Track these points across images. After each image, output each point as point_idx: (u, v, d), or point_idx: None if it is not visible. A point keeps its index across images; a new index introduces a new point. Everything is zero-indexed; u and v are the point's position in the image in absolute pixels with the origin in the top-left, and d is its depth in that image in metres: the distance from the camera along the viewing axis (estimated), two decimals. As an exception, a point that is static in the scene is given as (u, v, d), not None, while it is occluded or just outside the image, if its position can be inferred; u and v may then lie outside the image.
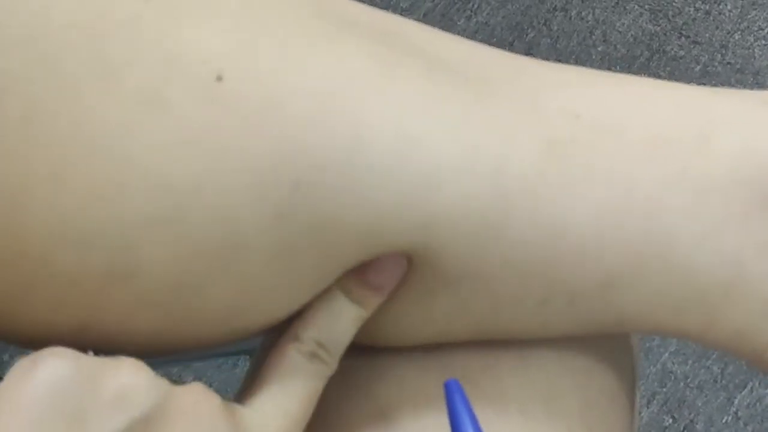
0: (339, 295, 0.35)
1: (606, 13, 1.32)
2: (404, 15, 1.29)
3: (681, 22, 1.32)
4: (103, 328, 0.33)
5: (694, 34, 1.32)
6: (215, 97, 0.31)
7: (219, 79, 0.31)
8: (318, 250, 0.33)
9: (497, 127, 0.34)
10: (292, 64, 0.32)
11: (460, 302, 0.36)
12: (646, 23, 1.32)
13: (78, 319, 0.33)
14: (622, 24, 1.32)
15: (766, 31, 1.32)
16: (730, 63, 1.30)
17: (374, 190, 0.33)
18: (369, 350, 0.39)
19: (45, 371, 0.29)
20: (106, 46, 0.31)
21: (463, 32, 1.30)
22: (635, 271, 0.35)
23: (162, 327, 0.34)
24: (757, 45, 1.32)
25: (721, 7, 1.34)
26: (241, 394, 0.35)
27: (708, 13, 1.33)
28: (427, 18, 1.30)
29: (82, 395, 0.29)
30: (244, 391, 0.35)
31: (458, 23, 1.30)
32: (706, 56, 1.31)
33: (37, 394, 0.29)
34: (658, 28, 1.32)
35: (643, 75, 1.39)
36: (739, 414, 1.11)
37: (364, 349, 0.38)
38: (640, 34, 1.31)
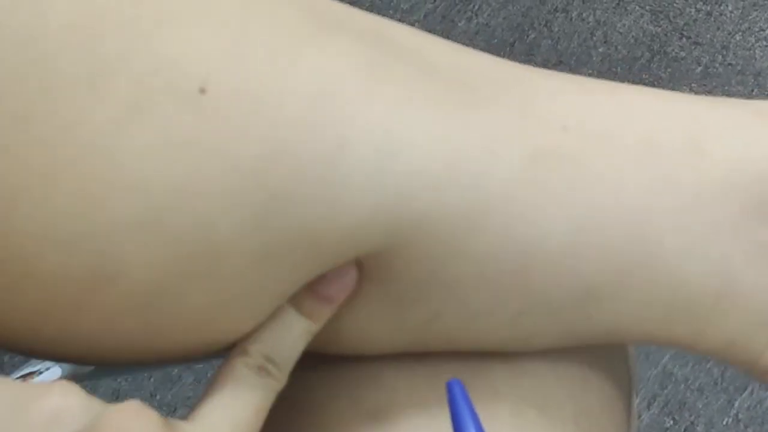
0: (288, 309, 0.35)
1: (607, 14, 1.32)
2: (405, 16, 1.29)
3: (682, 23, 1.32)
4: (86, 333, 0.33)
5: (695, 35, 1.32)
6: (199, 105, 0.31)
7: (203, 89, 0.31)
8: (296, 258, 0.33)
9: (481, 136, 0.34)
10: (278, 73, 0.32)
11: (433, 312, 0.36)
12: (647, 24, 1.32)
13: (60, 325, 0.33)
14: (623, 25, 1.32)
15: (767, 32, 1.32)
16: (731, 64, 1.30)
17: (352, 198, 0.33)
18: (356, 357, 0.38)
19: None
20: (97, 51, 0.31)
21: (464, 33, 1.30)
22: (619, 282, 0.35)
23: (144, 332, 0.34)
24: (758, 46, 1.32)
25: (722, 8, 1.34)
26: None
27: (709, 14, 1.33)
28: (427, 19, 1.29)
29: (14, 421, 0.29)
30: (193, 406, 0.35)
31: (459, 24, 1.30)
32: (707, 57, 1.31)
33: None
34: (659, 29, 1.32)
35: (644, 76, 1.39)
36: (740, 416, 1.11)
37: (351, 355, 0.38)
38: (641, 35, 1.31)
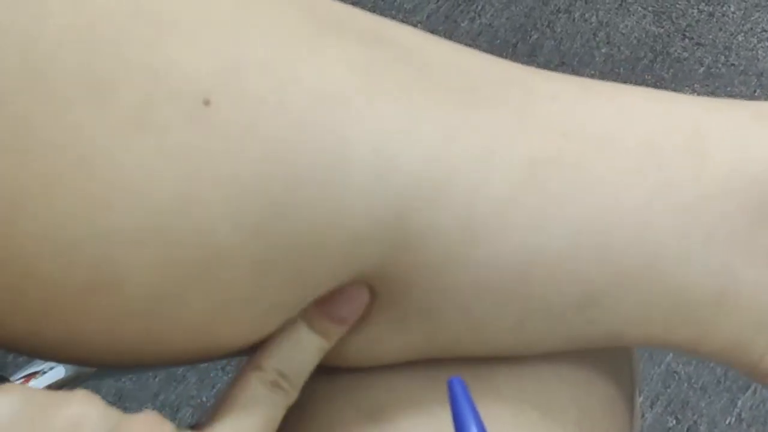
0: (302, 326, 0.36)
1: (609, 15, 1.32)
2: (408, 16, 1.29)
3: (684, 24, 1.32)
4: (87, 337, 0.34)
5: (698, 36, 1.32)
6: (201, 118, 0.32)
7: (207, 103, 0.32)
8: (294, 269, 0.34)
9: (480, 144, 0.34)
10: (278, 80, 0.32)
11: (436, 324, 0.36)
12: (650, 25, 1.32)
13: (63, 327, 0.33)
14: (626, 26, 1.32)
15: (770, 33, 1.32)
16: (733, 65, 1.30)
17: (353, 204, 0.33)
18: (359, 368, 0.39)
19: None
20: (97, 60, 0.31)
21: (467, 34, 1.30)
22: (621, 286, 0.35)
23: (143, 338, 0.34)
24: (761, 47, 1.32)
25: (725, 9, 1.34)
26: (204, 419, 0.35)
27: (711, 15, 1.33)
28: (430, 19, 1.30)
29: (34, 428, 0.30)
30: (206, 418, 0.35)
31: (462, 25, 1.30)
32: (710, 58, 1.31)
33: None
34: (662, 30, 1.32)
35: (646, 77, 1.39)
36: (743, 416, 1.11)
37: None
38: (644, 35, 1.31)
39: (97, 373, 1.01)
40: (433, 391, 0.37)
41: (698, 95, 1.39)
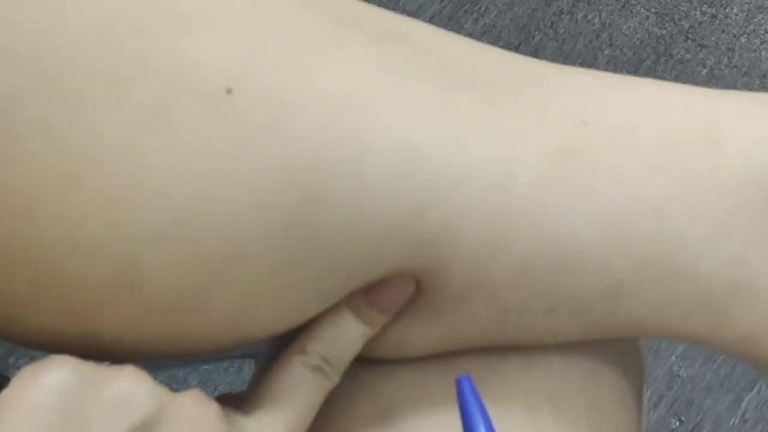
0: (347, 313, 0.36)
1: (612, 16, 1.32)
2: (411, 17, 1.29)
3: (687, 26, 1.32)
4: (108, 335, 0.34)
5: (701, 38, 1.32)
6: (223, 111, 0.31)
7: (228, 92, 0.31)
8: (323, 261, 0.34)
9: (503, 137, 0.34)
10: (301, 75, 0.32)
11: (467, 315, 0.36)
12: (653, 26, 1.32)
13: (84, 326, 0.33)
14: (629, 27, 1.32)
15: (773, 34, 1.32)
16: (736, 66, 1.30)
17: (379, 202, 0.33)
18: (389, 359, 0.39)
19: (48, 378, 0.30)
20: (114, 59, 0.31)
21: (470, 35, 1.30)
22: (642, 276, 0.35)
23: (166, 334, 0.34)
24: (764, 48, 1.32)
25: (728, 10, 1.34)
26: (243, 400, 0.36)
27: (714, 17, 1.33)
28: (434, 20, 1.30)
29: (83, 401, 0.30)
30: (247, 398, 0.35)
31: (465, 26, 1.30)
32: (713, 59, 1.31)
33: (40, 400, 0.29)
34: (665, 32, 1.32)
35: (649, 78, 1.38)
36: (747, 416, 1.11)
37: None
38: (647, 37, 1.31)
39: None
40: (446, 388, 0.37)
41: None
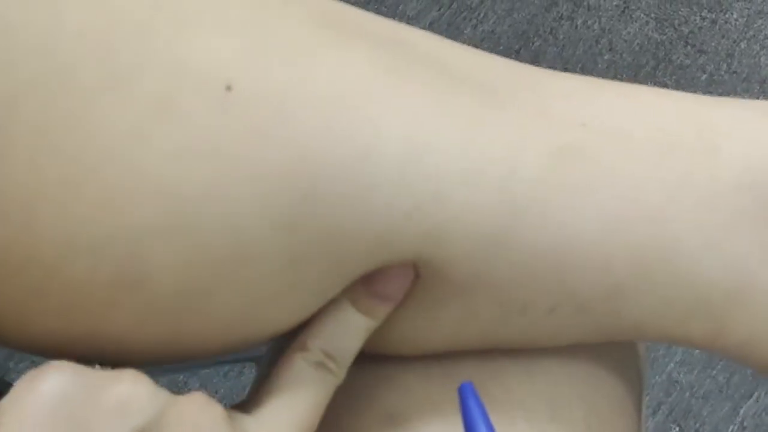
0: (347, 305, 0.35)
1: (612, 22, 1.32)
2: (410, 23, 1.29)
3: (687, 31, 1.33)
4: (111, 335, 0.33)
5: (700, 43, 1.32)
6: (225, 107, 0.31)
7: (229, 88, 0.31)
8: (326, 260, 0.33)
9: (504, 136, 0.34)
10: (301, 74, 0.32)
11: (469, 311, 0.36)
12: (652, 32, 1.32)
13: (87, 326, 0.33)
14: (628, 33, 1.32)
15: (772, 40, 1.32)
16: (736, 72, 1.30)
17: (383, 199, 0.33)
18: (373, 358, 0.39)
19: (48, 383, 0.30)
20: (117, 56, 0.31)
21: (470, 41, 1.30)
22: (642, 278, 0.35)
23: (169, 334, 0.34)
24: (763, 54, 1.32)
25: (727, 16, 1.34)
26: (247, 403, 0.35)
27: (714, 22, 1.34)
28: (433, 26, 1.30)
29: (84, 405, 0.30)
30: (251, 400, 0.35)
31: (465, 32, 1.30)
32: (712, 65, 1.31)
33: (40, 405, 0.29)
34: (664, 37, 1.32)
35: (649, 84, 1.39)
36: (745, 424, 1.10)
37: (369, 356, 0.38)
38: (646, 42, 1.31)
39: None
40: (449, 392, 0.37)
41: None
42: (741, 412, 1.11)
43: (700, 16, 1.34)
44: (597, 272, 0.35)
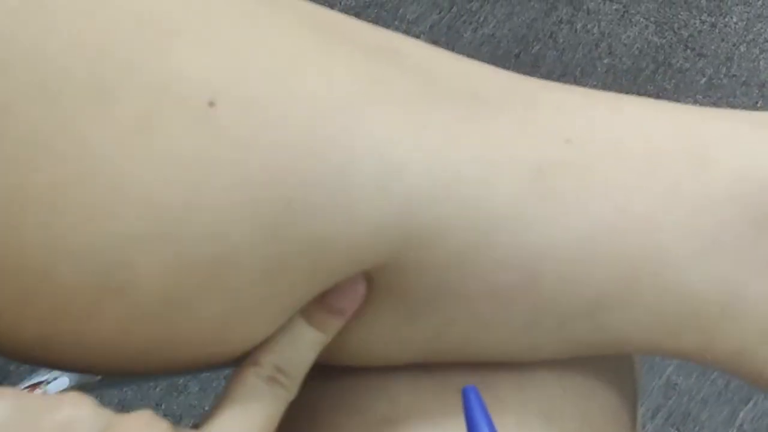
0: (299, 320, 0.36)
1: (611, 26, 1.32)
2: (411, 27, 1.30)
3: (686, 35, 1.33)
4: (97, 343, 0.34)
5: (700, 47, 1.32)
6: (208, 122, 0.32)
7: (212, 104, 0.32)
8: (306, 269, 0.34)
9: (484, 150, 0.34)
10: (283, 86, 0.33)
11: (442, 323, 0.36)
12: (652, 36, 1.32)
13: (73, 334, 0.33)
14: (628, 36, 1.32)
15: (772, 44, 1.33)
16: (735, 75, 1.31)
17: (360, 210, 0.33)
18: (362, 368, 0.39)
19: None
20: (102, 70, 0.31)
21: (470, 44, 1.30)
22: (627, 291, 0.35)
23: (156, 342, 0.34)
24: (763, 57, 1.32)
25: (727, 19, 1.34)
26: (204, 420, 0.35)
27: (713, 26, 1.34)
28: (433, 30, 1.30)
29: (25, 430, 0.30)
30: (205, 416, 0.35)
31: (464, 35, 1.30)
32: (712, 69, 1.31)
33: None
34: (664, 41, 1.32)
35: (648, 87, 1.39)
36: (744, 428, 1.11)
37: (357, 367, 0.38)
38: (646, 46, 1.31)
39: (101, 383, 1.01)
40: (439, 400, 0.37)
41: (700, 106, 1.38)
42: (740, 416, 1.11)
43: (700, 19, 1.34)
44: (578, 286, 0.35)
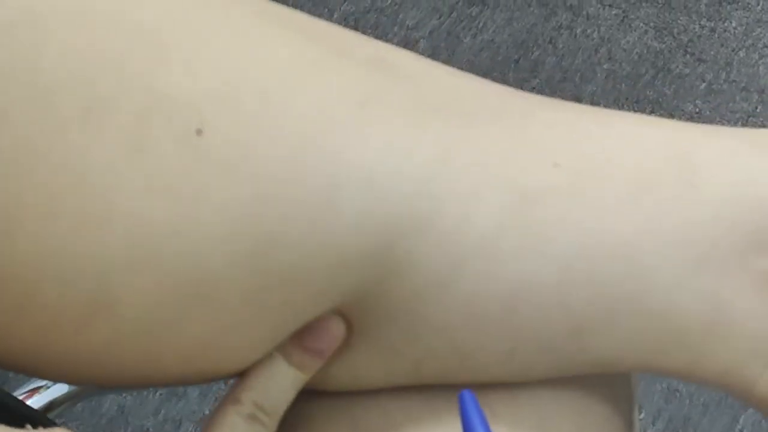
0: (278, 359, 0.36)
1: (611, 31, 1.33)
2: (410, 33, 1.30)
3: (686, 40, 1.33)
4: (86, 357, 0.34)
5: (699, 52, 1.32)
6: (194, 146, 0.32)
7: (199, 132, 0.32)
8: (285, 299, 0.34)
9: (468, 182, 0.34)
10: (272, 112, 0.33)
11: (424, 352, 0.36)
12: (651, 41, 1.33)
13: (62, 347, 0.33)
14: (627, 42, 1.32)
15: (771, 49, 1.33)
16: (734, 80, 1.31)
17: (339, 240, 0.33)
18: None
19: None
20: (93, 86, 0.31)
21: (469, 50, 1.30)
22: (609, 315, 0.35)
23: (140, 360, 0.34)
24: (762, 63, 1.32)
25: (726, 24, 1.34)
26: None
27: (713, 31, 1.34)
28: (433, 35, 1.30)
29: None
30: None
31: (464, 41, 1.31)
32: (711, 74, 1.31)
33: None
34: (663, 46, 1.32)
35: (648, 93, 1.39)
36: (745, 432, 1.11)
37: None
38: (645, 51, 1.32)
39: (100, 389, 1.01)
40: (430, 411, 0.37)
41: (699, 111, 1.39)
42: (740, 420, 1.11)
43: (699, 24, 1.34)
44: (557, 314, 0.35)
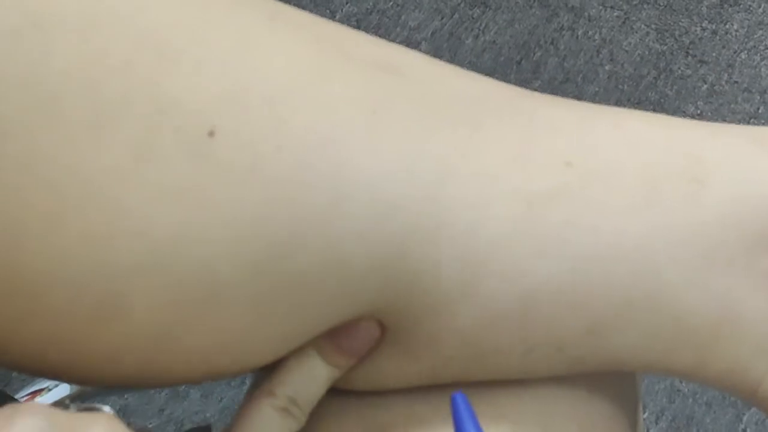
0: (314, 356, 0.37)
1: (613, 33, 1.33)
2: (412, 33, 1.30)
3: (688, 42, 1.33)
4: (91, 362, 0.34)
5: (701, 54, 1.32)
6: (203, 152, 0.32)
7: (211, 134, 0.32)
8: (293, 306, 0.34)
9: (479, 182, 0.34)
10: (280, 122, 0.33)
11: (443, 356, 0.36)
12: (653, 42, 1.33)
13: (68, 352, 0.34)
14: (629, 43, 1.32)
15: (773, 50, 1.33)
16: (736, 82, 1.31)
17: (349, 249, 0.33)
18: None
19: (20, 428, 0.29)
20: (100, 93, 0.31)
21: (471, 51, 1.30)
22: (623, 316, 0.35)
23: (146, 365, 0.35)
24: (764, 64, 1.32)
25: (728, 26, 1.35)
26: None
27: (715, 33, 1.34)
28: (434, 37, 1.30)
29: None
30: None
31: (466, 42, 1.31)
32: (713, 75, 1.31)
33: None
34: (665, 48, 1.32)
35: (650, 94, 1.39)
36: (748, 431, 1.11)
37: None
38: (647, 53, 1.32)
39: (102, 389, 1.01)
40: (436, 409, 0.38)
41: (701, 113, 1.39)
42: (744, 419, 1.11)
43: (701, 26, 1.34)
44: (573, 315, 0.35)
